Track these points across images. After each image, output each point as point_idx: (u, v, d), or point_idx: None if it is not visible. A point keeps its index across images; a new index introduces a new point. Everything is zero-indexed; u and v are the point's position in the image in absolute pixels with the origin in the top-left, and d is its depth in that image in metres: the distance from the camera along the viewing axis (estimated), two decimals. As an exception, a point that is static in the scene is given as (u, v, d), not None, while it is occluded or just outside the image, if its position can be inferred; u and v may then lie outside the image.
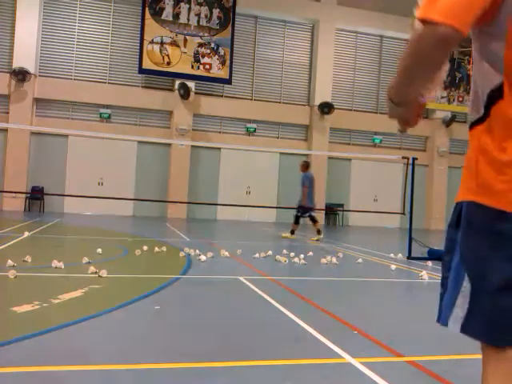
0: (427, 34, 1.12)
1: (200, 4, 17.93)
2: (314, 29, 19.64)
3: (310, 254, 7.87)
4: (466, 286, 1.21)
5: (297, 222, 11.33)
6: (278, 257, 7.20)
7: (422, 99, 1.36)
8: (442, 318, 1.28)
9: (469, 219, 1.23)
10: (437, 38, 1.11)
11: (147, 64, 17.41)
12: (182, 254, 7.08)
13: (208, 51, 18.00)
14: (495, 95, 1.20)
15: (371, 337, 3.39)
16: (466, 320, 1.21)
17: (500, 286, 1.15)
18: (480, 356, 1.24)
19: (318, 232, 11.07)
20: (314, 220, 11.26)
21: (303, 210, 11.20)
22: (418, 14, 1.16)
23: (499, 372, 1.17)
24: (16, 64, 16.31)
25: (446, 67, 1.49)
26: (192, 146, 17.82)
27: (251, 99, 19.14)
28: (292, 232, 11.25)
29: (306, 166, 11.94)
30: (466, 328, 1.21)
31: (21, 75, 16.16)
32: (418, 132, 20.87)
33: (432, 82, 1.25)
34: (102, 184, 17.44)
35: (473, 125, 1.28)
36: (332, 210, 19.40)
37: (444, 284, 1.31)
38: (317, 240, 10.91)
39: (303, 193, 11.33)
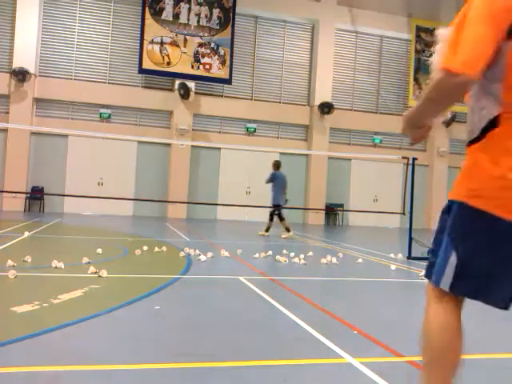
0: (449, 80, 1.48)
1: (200, 4, 17.93)
2: (314, 29, 19.64)
3: (310, 254, 7.87)
4: (453, 259, 1.66)
5: (271, 219, 11.77)
6: (277, 257, 7.21)
7: (432, 123, 1.79)
8: (435, 281, 1.72)
9: (460, 215, 1.66)
10: (457, 85, 1.48)
11: (147, 64, 17.41)
12: (181, 254, 7.08)
13: (208, 51, 18.00)
14: (492, 124, 1.59)
15: (371, 337, 3.39)
16: (452, 283, 1.67)
17: (474, 262, 1.64)
18: (479, 356, 1.36)
19: (287, 229, 11.38)
20: (281, 218, 11.63)
21: (277, 207, 11.66)
22: (442, 64, 1.51)
23: (440, 303, 1.73)
24: (16, 64, 16.30)
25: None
26: (192, 146, 17.82)
27: (251, 99, 19.14)
28: (267, 229, 11.67)
29: (277, 166, 12.21)
30: (452, 288, 1.68)
31: (21, 75, 16.16)
32: (418, 132, 20.85)
33: (444, 113, 1.70)
34: (102, 184, 17.44)
35: (470, 143, 1.68)
36: (332, 210, 19.40)
37: (434, 254, 1.76)
38: (286, 237, 11.25)
39: (278, 191, 11.73)
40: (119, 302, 4.01)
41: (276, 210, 11.67)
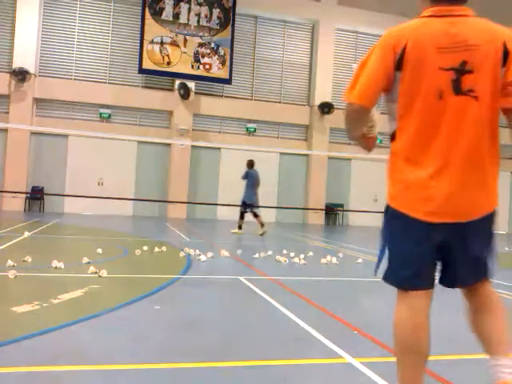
0: (349, 109, 2.03)
1: (200, 4, 17.93)
2: (314, 29, 19.64)
3: (310, 254, 7.87)
4: (386, 253, 2.02)
5: (242, 217, 11.99)
6: (277, 257, 7.21)
7: (369, 135, 2.26)
8: (375, 272, 2.08)
9: (386, 214, 2.09)
10: (354, 111, 2.02)
11: (147, 64, 17.41)
12: (182, 254, 7.08)
13: (208, 51, 18.00)
14: (393, 137, 2.05)
15: (371, 337, 3.39)
16: (384, 274, 2.05)
17: (401, 256, 2.00)
18: (479, 356, 1.38)
19: (262, 225, 11.62)
20: (256, 215, 11.88)
21: (246, 205, 11.92)
22: (344, 95, 2.02)
23: (403, 303, 2.00)
24: (16, 64, 16.31)
25: (372, 118, 2.08)
26: (192, 146, 17.81)
27: (251, 99, 19.14)
28: (239, 226, 11.83)
29: (251, 164, 12.48)
30: (384, 279, 2.06)
31: (21, 75, 16.16)
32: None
33: (363, 128, 2.19)
34: (102, 184, 17.44)
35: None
36: (332, 210, 19.41)
37: (381, 250, 2.09)
38: (262, 234, 11.47)
39: (251, 189, 12.00)
40: (119, 302, 4.01)
41: (247, 208, 11.88)
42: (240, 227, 11.83)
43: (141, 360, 2.75)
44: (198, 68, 17.89)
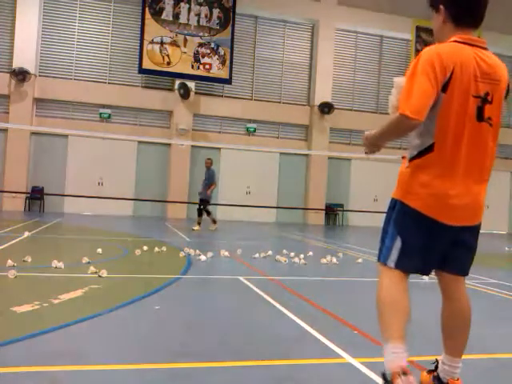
0: (405, 122, 2.10)
1: (200, 4, 17.93)
2: (314, 29, 19.64)
3: (310, 253, 7.87)
4: (398, 243, 2.29)
5: (200, 214, 12.39)
6: (278, 257, 7.21)
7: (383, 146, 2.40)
8: (383, 260, 2.37)
9: (400, 210, 2.30)
10: (410, 126, 2.11)
11: (147, 64, 17.41)
12: (181, 254, 7.08)
13: (208, 51, 18.00)
14: (427, 149, 2.22)
15: (371, 337, 3.39)
16: (397, 261, 2.30)
17: (410, 245, 2.27)
18: (479, 356, 1.37)
19: (214, 222, 12.43)
20: (208, 212, 12.51)
21: (205, 203, 12.44)
22: (400, 109, 2.10)
23: (389, 280, 2.36)
24: (16, 64, 16.30)
25: None
26: (192, 146, 17.81)
27: (251, 99, 19.14)
28: (199, 223, 12.25)
29: (210, 163, 12.82)
30: (397, 265, 2.30)
31: (21, 75, 16.16)
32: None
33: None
34: (102, 184, 17.44)
35: (411, 159, 2.29)
36: (332, 210, 19.41)
37: (383, 241, 2.41)
38: (213, 229, 12.18)
39: (209, 188, 12.51)
40: (119, 302, 4.01)
41: (204, 206, 12.41)
42: (199, 223, 12.24)
43: (141, 360, 2.75)
44: (198, 68, 17.89)
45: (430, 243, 2.26)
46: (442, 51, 2.14)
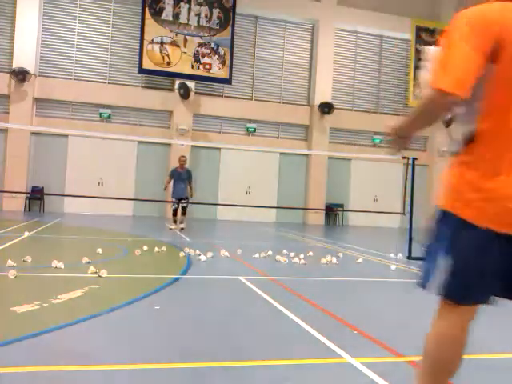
0: (441, 99, 1.62)
1: (200, 4, 17.93)
2: (314, 29, 19.64)
3: (310, 253, 7.87)
4: (447, 264, 1.75)
5: (184, 212, 12.12)
6: (278, 257, 7.21)
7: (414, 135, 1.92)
8: (423, 284, 1.83)
9: (449, 222, 1.77)
10: (448, 103, 1.63)
11: (147, 64, 17.41)
12: (182, 254, 7.08)
13: (208, 51, 18.00)
14: (475, 139, 1.72)
15: (371, 337, 3.39)
16: (446, 288, 1.76)
17: (466, 268, 1.74)
18: (480, 356, 1.35)
19: (181, 222, 12.10)
20: (185, 211, 12.22)
21: (187, 202, 12.18)
22: (433, 83, 1.63)
23: (448, 317, 1.81)
24: (16, 64, 16.31)
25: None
26: (192, 146, 17.81)
27: (251, 99, 19.13)
28: (181, 222, 12.06)
29: (185, 161, 12.42)
30: (445, 293, 1.77)
31: (21, 75, 16.16)
32: (418, 132, 20.83)
33: (429, 125, 1.82)
34: (102, 184, 17.44)
35: (454, 154, 1.82)
36: (332, 210, 19.41)
37: (427, 261, 1.84)
38: (173, 228, 12.02)
39: (192, 187, 12.25)
40: (119, 302, 4.01)
41: (185, 203, 12.15)
42: (182, 222, 12.08)
43: (141, 360, 2.75)
44: (198, 68, 17.89)
45: (490, 262, 1.73)
46: (487, 12, 1.68)
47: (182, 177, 11.97)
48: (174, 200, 12.02)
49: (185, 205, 12.07)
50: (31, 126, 16.37)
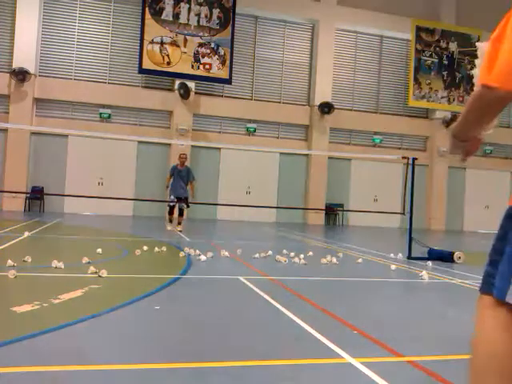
0: (487, 95, 1.51)
1: (200, 4, 17.94)
2: (314, 29, 19.64)
3: (310, 253, 7.87)
4: None
5: (181, 213, 12.06)
6: (278, 257, 7.20)
7: (480, 136, 1.77)
8: (498, 294, 1.56)
9: None
10: (495, 99, 1.50)
11: (147, 64, 17.42)
12: (181, 254, 7.08)
13: (208, 51, 18.00)
14: None
15: (371, 337, 3.39)
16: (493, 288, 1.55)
17: None
18: None
19: (179, 223, 11.94)
20: (182, 212, 12.12)
21: (187, 203, 11.99)
22: (480, 79, 1.54)
23: (496, 321, 1.57)
24: (16, 64, 16.31)
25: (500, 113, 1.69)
26: (192, 146, 17.82)
27: (251, 99, 19.14)
28: (179, 223, 11.96)
29: (185, 159, 12.22)
30: (488, 291, 1.57)
31: (21, 75, 16.16)
32: (418, 132, 20.87)
33: (488, 124, 1.67)
34: (102, 184, 17.45)
35: None
36: (332, 210, 19.41)
37: (494, 265, 1.60)
38: (170, 229, 11.81)
39: (194, 187, 12.14)
40: (119, 302, 4.01)
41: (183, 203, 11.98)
42: (171, 221, 12.01)
43: (141, 360, 2.74)
44: (198, 68, 17.89)
45: None
46: None
47: (181, 174, 11.84)
48: (171, 198, 11.72)
49: (182, 207, 11.86)
50: (31, 126, 16.38)
